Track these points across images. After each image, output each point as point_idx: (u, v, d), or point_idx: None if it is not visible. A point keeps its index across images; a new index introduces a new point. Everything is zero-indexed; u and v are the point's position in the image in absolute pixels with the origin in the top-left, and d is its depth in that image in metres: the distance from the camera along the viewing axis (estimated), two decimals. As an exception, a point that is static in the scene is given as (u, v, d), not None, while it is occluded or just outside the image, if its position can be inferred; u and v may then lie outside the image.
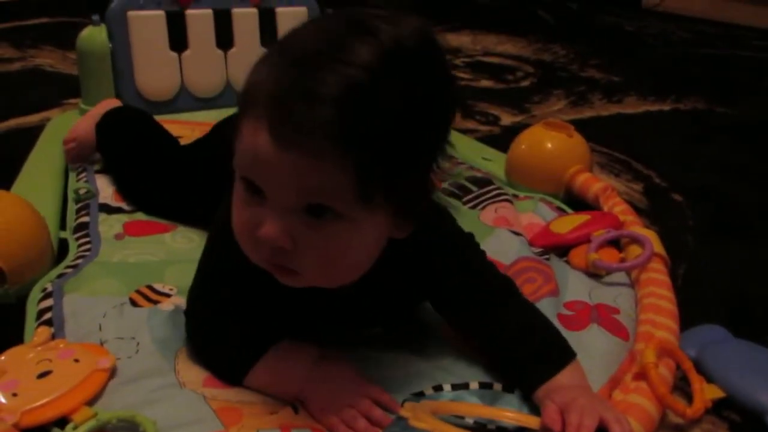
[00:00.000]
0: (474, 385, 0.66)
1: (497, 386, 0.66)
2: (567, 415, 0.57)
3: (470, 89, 1.73)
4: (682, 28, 2.54)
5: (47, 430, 0.58)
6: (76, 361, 0.64)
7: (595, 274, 0.85)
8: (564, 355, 0.65)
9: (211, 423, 0.60)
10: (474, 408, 0.62)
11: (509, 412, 0.61)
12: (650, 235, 0.87)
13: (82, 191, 0.99)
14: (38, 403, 0.59)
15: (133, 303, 0.75)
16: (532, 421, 0.59)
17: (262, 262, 0.57)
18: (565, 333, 0.73)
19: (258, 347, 0.64)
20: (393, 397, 0.63)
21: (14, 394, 0.60)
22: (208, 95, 1.33)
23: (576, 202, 1.05)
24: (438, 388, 0.66)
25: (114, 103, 1.16)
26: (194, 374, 0.65)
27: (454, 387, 0.66)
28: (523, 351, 0.65)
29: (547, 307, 0.78)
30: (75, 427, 0.57)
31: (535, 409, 0.63)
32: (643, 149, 1.35)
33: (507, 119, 1.53)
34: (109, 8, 1.24)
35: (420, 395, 0.65)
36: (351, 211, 0.52)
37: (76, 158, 1.08)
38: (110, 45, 1.24)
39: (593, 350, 0.71)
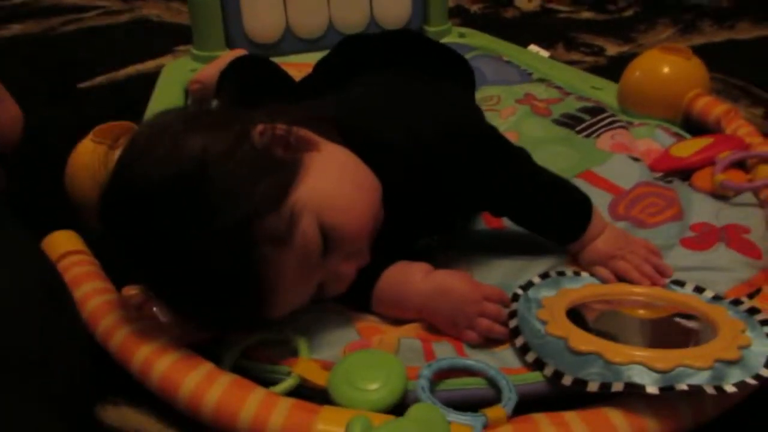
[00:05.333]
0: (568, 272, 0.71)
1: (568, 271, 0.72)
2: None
3: (571, 21, 1.68)
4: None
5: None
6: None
7: (722, 196, 0.82)
8: (588, 205, 0.72)
9: (351, 338, 0.63)
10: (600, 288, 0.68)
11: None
12: (781, 155, 0.84)
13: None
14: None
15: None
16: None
17: None
18: (689, 254, 0.73)
19: (369, 275, 0.65)
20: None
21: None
22: (312, 36, 1.35)
23: (695, 127, 1.02)
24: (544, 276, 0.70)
25: (241, 52, 1.19)
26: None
27: (543, 276, 0.70)
28: (557, 214, 0.72)
29: (669, 231, 0.77)
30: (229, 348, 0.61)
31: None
32: (761, 74, 1.28)
33: (612, 50, 1.49)
34: (217, -47, 1.27)
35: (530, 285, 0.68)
36: None
37: (199, 100, 1.12)
38: (218, -11, 1.27)
39: (720, 265, 0.71)
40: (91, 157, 0.80)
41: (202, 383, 0.56)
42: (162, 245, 0.55)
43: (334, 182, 0.60)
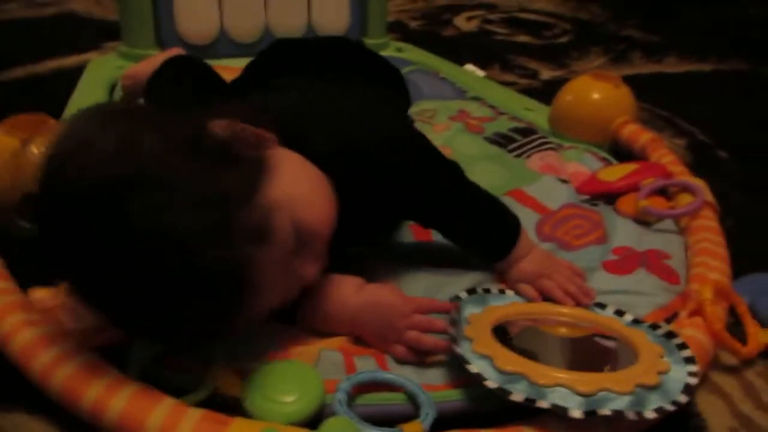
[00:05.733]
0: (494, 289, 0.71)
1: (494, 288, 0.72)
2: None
3: (508, 44, 1.71)
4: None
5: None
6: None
7: (644, 221, 0.84)
8: (516, 223, 0.72)
9: (274, 353, 0.61)
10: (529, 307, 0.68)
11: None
12: (700, 184, 0.87)
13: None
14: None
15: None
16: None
17: None
18: (610, 278, 0.74)
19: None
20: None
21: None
22: (247, 41, 1.32)
23: (621, 153, 1.04)
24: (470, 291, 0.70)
25: (177, 51, 1.15)
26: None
27: (469, 292, 0.70)
28: (486, 231, 0.72)
29: (592, 254, 0.78)
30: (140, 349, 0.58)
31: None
32: (686, 107, 1.32)
33: (546, 73, 1.51)
34: (150, -52, 1.24)
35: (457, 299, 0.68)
36: None
37: (130, 95, 1.08)
38: (151, -15, 1.24)
39: (638, 291, 0.72)
40: (2, 150, 0.76)
41: (106, 392, 0.53)
42: (128, 253, 0.48)
43: (302, 180, 0.59)
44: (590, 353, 0.63)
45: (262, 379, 0.55)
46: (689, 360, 0.60)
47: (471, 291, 0.70)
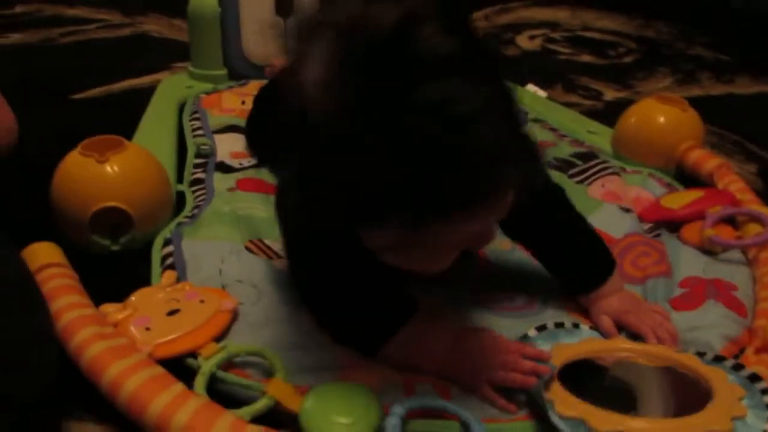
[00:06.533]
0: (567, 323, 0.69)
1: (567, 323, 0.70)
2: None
3: (571, 63, 1.70)
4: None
5: (178, 362, 0.61)
6: (202, 302, 0.67)
7: (709, 251, 0.82)
8: (613, 258, 0.72)
9: (336, 371, 0.62)
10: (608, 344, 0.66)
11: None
12: (771, 214, 0.84)
13: (204, 147, 1.03)
14: (170, 337, 0.62)
15: (249, 250, 0.78)
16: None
17: None
18: (679, 316, 0.72)
19: (394, 320, 0.63)
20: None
21: (147, 329, 0.64)
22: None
23: (687, 178, 1.02)
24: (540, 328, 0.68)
25: None
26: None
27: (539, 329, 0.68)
28: (586, 258, 0.72)
29: (659, 288, 0.76)
30: (206, 359, 0.60)
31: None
32: (758, 130, 1.29)
33: (610, 94, 1.49)
34: (220, -27, 1.28)
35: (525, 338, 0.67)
36: None
37: None
38: (219, 9, 1.28)
39: (710, 322, 0.70)
40: (79, 170, 0.80)
41: (171, 404, 0.55)
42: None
43: None
44: (680, 384, 0.62)
45: (320, 397, 0.56)
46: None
47: (541, 328, 0.68)
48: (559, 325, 0.69)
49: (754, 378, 0.61)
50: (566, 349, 0.65)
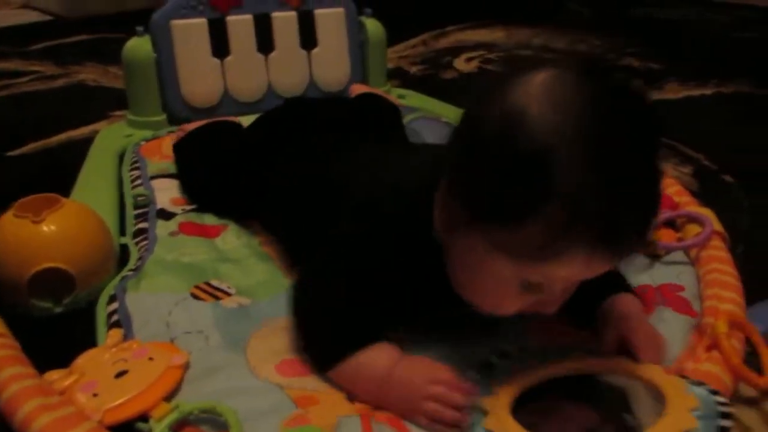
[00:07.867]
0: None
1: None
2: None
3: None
4: (719, 13, 2.49)
5: (130, 427, 0.59)
6: (151, 359, 0.65)
7: (653, 255, 0.84)
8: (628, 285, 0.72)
9: (289, 410, 0.61)
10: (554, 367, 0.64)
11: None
12: (708, 214, 0.86)
13: (140, 198, 1.01)
14: (119, 401, 0.60)
15: (195, 297, 0.77)
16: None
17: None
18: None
19: (360, 340, 0.63)
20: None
21: (95, 394, 0.61)
22: (250, 100, 1.35)
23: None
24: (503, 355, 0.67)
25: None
26: (267, 365, 0.66)
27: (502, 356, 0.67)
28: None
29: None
30: (157, 422, 0.58)
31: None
32: (689, 133, 1.32)
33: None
34: (152, 18, 1.27)
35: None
36: None
37: None
38: (154, 54, 1.27)
39: (664, 331, 0.71)
40: (14, 231, 0.77)
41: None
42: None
43: None
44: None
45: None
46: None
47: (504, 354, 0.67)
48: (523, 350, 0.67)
49: (715, 393, 0.59)
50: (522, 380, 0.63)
